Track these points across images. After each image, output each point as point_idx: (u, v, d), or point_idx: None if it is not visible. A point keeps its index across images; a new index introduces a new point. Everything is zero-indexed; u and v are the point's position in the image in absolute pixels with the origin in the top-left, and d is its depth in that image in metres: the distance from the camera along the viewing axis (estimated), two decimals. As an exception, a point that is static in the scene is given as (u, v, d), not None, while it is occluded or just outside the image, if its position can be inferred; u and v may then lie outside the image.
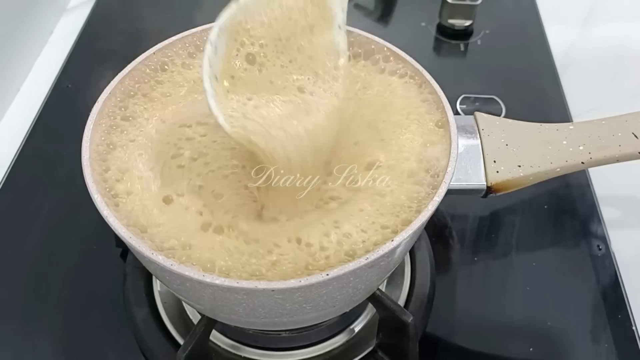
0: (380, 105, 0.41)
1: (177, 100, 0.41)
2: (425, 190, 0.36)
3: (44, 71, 0.72)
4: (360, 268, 0.30)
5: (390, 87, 0.42)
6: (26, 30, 0.72)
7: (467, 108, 0.66)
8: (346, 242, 0.33)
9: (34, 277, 0.52)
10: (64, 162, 0.60)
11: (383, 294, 0.42)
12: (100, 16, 0.79)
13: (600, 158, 0.43)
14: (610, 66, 0.75)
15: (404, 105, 0.41)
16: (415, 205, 0.35)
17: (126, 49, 0.72)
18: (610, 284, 0.52)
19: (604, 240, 0.55)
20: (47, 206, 0.57)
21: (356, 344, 0.47)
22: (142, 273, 0.49)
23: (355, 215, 0.35)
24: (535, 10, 0.82)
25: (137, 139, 0.38)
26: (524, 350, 0.48)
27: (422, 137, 0.38)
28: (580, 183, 0.60)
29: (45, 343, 0.47)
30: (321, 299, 0.33)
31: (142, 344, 0.46)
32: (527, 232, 0.56)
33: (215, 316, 0.38)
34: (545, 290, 0.52)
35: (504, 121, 0.45)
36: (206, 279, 0.29)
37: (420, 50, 0.39)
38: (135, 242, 0.31)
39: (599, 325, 0.50)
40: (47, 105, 0.67)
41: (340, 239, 0.34)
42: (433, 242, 0.53)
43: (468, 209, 0.58)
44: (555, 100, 0.69)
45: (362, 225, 0.34)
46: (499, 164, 0.43)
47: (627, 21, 0.82)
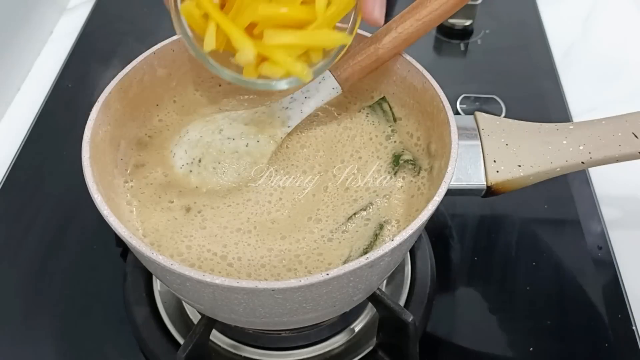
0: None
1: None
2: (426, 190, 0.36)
3: (44, 71, 0.72)
4: (360, 268, 0.30)
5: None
6: (26, 30, 0.72)
7: (467, 108, 0.66)
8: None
9: (34, 277, 0.51)
10: (64, 162, 0.60)
11: (383, 294, 0.42)
12: (100, 16, 0.79)
13: (600, 158, 0.43)
14: (610, 66, 0.75)
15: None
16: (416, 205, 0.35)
17: (126, 49, 0.72)
18: (610, 284, 0.52)
19: (604, 240, 0.55)
20: (47, 206, 0.57)
21: (356, 344, 0.47)
22: (142, 273, 0.49)
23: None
24: (535, 10, 0.82)
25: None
26: (524, 350, 0.48)
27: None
28: (580, 183, 0.60)
29: (45, 343, 0.47)
30: (321, 299, 0.33)
31: (142, 344, 0.46)
32: (527, 232, 0.56)
33: (215, 316, 0.38)
34: (545, 290, 0.52)
35: (504, 121, 0.45)
36: (206, 278, 0.29)
37: (420, 50, 0.39)
38: (135, 242, 0.31)
39: (599, 325, 0.50)
40: (47, 105, 0.67)
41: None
42: (433, 242, 0.53)
43: (468, 209, 0.58)
44: (555, 100, 0.69)
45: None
46: (499, 164, 0.43)
47: (627, 21, 0.82)
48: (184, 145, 0.42)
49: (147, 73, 0.43)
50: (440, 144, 0.39)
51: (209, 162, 0.41)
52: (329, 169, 0.42)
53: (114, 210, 0.33)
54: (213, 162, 0.41)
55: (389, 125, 0.44)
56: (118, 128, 0.41)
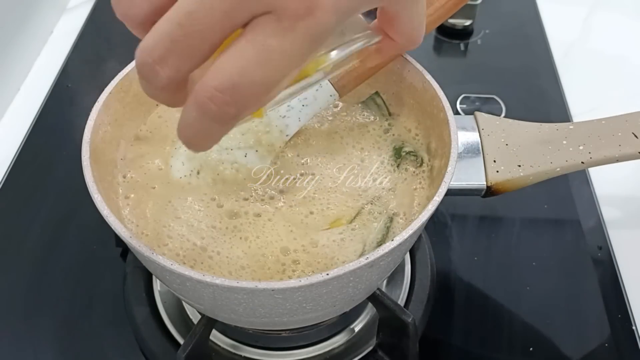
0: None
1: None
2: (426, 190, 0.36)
3: (44, 71, 0.72)
4: (360, 268, 0.30)
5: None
6: (26, 30, 0.72)
7: (467, 108, 0.66)
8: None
9: (34, 277, 0.51)
10: (64, 162, 0.60)
11: (383, 294, 0.42)
12: (100, 16, 0.79)
13: (600, 158, 0.43)
14: (610, 66, 0.75)
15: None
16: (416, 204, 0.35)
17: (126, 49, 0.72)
18: (610, 284, 0.52)
19: (604, 240, 0.55)
20: (47, 206, 0.57)
21: (356, 344, 0.47)
22: (142, 273, 0.49)
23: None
24: (535, 10, 0.82)
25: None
26: (524, 350, 0.48)
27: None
28: (580, 183, 0.60)
29: (45, 343, 0.47)
30: (321, 299, 0.33)
31: (142, 344, 0.46)
32: (527, 232, 0.56)
33: (215, 316, 0.38)
34: (545, 290, 0.52)
35: (504, 121, 0.45)
36: (206, 278, 0.29)
37: (420, 50, 0.39)
38: (135, 242, 0.31)
39: (599, 325, 0.50)
40: (47, 105, 0.67)
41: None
42: (433, 242, 0.53)
43: (468, 209, 0.58)
44: (555, 100, 0.69)
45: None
46: (499, 164, 0.43)
47: (627, 21, 0.82)
48: (181, 157, 0.41)
49: (147, 73, 0.42)
50: (440, 143, 0.39)
51: (207, 173, 0.40)
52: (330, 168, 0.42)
53: (114, 210, 0.33)
54: (212, 173, 0.41)
55: (385, 119, 0.44)
56: (118, 128, 0.41)
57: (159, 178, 0.40)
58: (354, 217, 0.39)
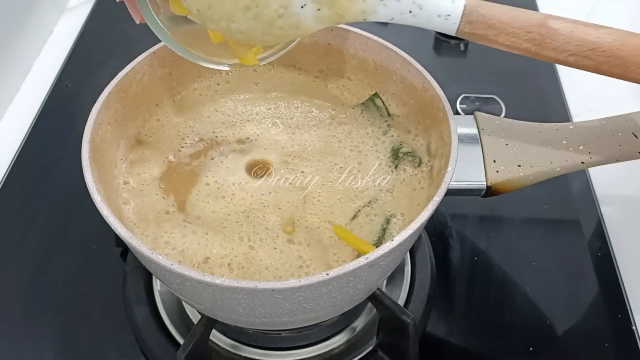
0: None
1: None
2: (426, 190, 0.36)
3: (44, 71, 0.72)
4: (360, 268, 0.30)
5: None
6: (26, 30, 0.72)
7: (467, 108, 0.66)
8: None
9: (34, 277, 0.51)
10: (64, 162, 0.60)
11: (383, 294, 0.42)
12: (100, 16, 0.79)
13: (600, 158, 0.43)
14: (610, 66, 0.75)
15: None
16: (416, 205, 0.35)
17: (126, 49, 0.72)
18: (610, 284, 0.52)
19: (604, 240, 0.55)
20: (47, 206, 0.57)
21: (356, 344, 0.47)
22: (142, 273, 0.49)
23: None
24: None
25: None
26: (524, 350, 0.48)
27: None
28: (580, 183, 0.60)
29: (45, 343, 0.47)
30: (321, 299, 0.33)
31: (142, 344, 0.46)
32: (527, 232, 0.56)
33: (215, 316, 0.38)
34: (545, 290, 0.52)
35: (504, 121, 0.45)
36: (206, 278, 0.29)
37: (420, 50, 0.39)
38: (135, 242, 0.31)
39: (599, 325, 0.50)
40: (47, 105, 0.67)
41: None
42: (433, 242, 0.53)
43: (468, 209, 0.58)
44: (555, 100, 0.69)
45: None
46: (499, 164, 0.43)
47: (627, 21, 0.82)
48: None
49: (147, 73, 0.43)
50: (440, 143, 0.39)
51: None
52: (329, 168, 0.42)
53: (114, 210, 0.33)
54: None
55: (384, 121, 0.44)
56: (118, 128, 0.41)
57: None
58: (352, 219, 0.39)
